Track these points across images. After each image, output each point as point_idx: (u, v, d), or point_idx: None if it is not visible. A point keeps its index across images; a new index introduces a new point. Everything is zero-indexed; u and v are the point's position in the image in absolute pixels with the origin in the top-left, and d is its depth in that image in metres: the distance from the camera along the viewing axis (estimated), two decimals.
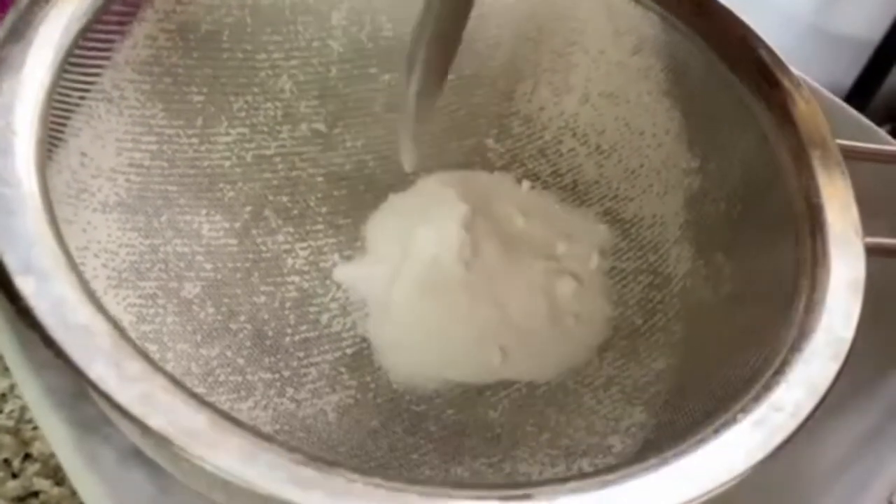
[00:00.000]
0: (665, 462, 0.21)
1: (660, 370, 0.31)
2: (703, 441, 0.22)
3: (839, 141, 0.30)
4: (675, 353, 0.31)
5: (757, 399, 0.23)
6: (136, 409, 0.19)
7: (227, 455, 0.19)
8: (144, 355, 0.20)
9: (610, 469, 0.21)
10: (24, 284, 0.20)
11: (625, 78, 0.36)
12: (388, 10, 0.35)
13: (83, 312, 0.20)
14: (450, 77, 0.37)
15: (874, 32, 0.76)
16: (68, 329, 0.20)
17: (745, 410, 0.23)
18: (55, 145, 0.27)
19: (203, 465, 0.19)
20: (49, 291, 0.20)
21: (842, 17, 0.77)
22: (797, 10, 0.74)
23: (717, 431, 0.22)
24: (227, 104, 0.33)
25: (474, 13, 0.37)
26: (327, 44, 0.35)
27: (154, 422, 0.19)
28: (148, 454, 0.23)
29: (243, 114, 0.34)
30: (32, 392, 0.25)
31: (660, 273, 0.34)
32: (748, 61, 0.32)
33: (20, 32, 0.26)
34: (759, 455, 0.21)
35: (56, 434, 0.25)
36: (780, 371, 0.24)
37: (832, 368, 0.24)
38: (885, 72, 0.78)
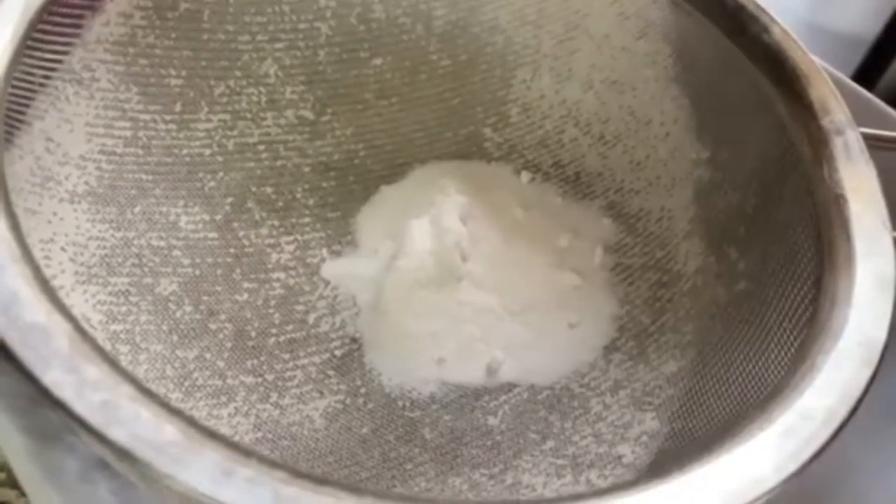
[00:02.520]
0: (687, 475, 0.19)
1: (671, 373, 0.29)
2: (726, 452, 0.20)
3: (862, 129, 0.28)
4: (686, 355, 0.29)
5: (783, 406, 0.21)
6: (96, 419, 0.17)
7: (200, 472, 0.17)
8: (108, 358, 0.18)
9: (628, 484, 0.19)
10: None
11: (630, 64, 0.34)
12: None
13: (38, 310, 0.18)
14: (444, 62, 0.35)
15: (870, 29, 0.76)
16: (20, 328, 0.18)
17: (770, 419, 0.21)
18: (16, 128, 0.25)
19: (173, 484, 0.17)
20: None
21: (838, 14, 0.76)
22: (792, 6, 0.73)
23: (741, 441, 0.20)
24: (207, 89, 0.32)
25: None
26: (315, 26, 0.33)
27: (116, 434, 0.17)
28: (114, 466, 0.20)
29: (225, 99, 0.32)
30: None
31: (668, 270, 0.32)
32: (762, 44, 0.30)
33: None
34: (792, 467, 0.20)
35: (11, 443, 0.23)
36: (806, 376, 0.22)
37: (865, 372, 0.22)
38: (882, 69, 0.77)
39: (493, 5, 0.35)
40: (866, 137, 0.28)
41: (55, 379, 0.17)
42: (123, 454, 0.17)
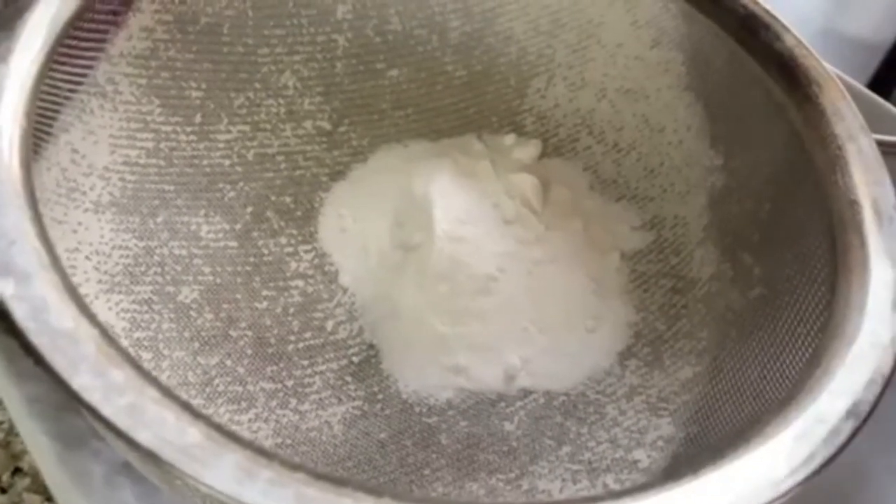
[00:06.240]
0: (702, 478, 0.19)
1: (686, 379, 0.29)
2: (740, 455, 0.20)
3: (876, 136, 0.28)
4: (702, 361, 0.30)
5: (798, 410, 0.21)
6: (122, 422, 0.17)
7: (223, 473, 0.17)
8: (133, 363, 0.19)
9: (642, 487, 0.19)
10: (3, 286, 0.19)
11: (644, 72, 0.35)
12: (395, 2, 0.34)
13: (67, 316, 0.19)
14: (460, 73, 0.36)
15: (886, 36, 0.75)
16: (50, 334, 0.18)
17: (785, 422, 0.21)
18: (44, 140, 0.26)
19: (196, 485, 0.17)
20: (29, 294, 0.19)
21: (853, 21, 0.76)
22: (808, 12, 0.73)
23: (755, 444, 0.21)
24: (227, 100, 0.32)
25: (485, 6, 0.36)
26: (332, 38, 0.34)
27: (142, 436, 0.17)
28: (138, 470, 0.21)
29: (244, 111, 0.33)
30: (15, 403, 0.24)
31: (683, 276, 0.33)
32: (774, 52, 0.31)
33: (6, 19, 0.24)
34: (805, 471, 0.20)
35: (39, 448, 0.23)
36: (821, 380, 0.22)
37: (879, 376, 0.22)
38: None
39: (507, 16, 0.35)
40: (879, 143, 0.28)
41: (83, 383, 0.18)
42: (149, 456, 0.17)
